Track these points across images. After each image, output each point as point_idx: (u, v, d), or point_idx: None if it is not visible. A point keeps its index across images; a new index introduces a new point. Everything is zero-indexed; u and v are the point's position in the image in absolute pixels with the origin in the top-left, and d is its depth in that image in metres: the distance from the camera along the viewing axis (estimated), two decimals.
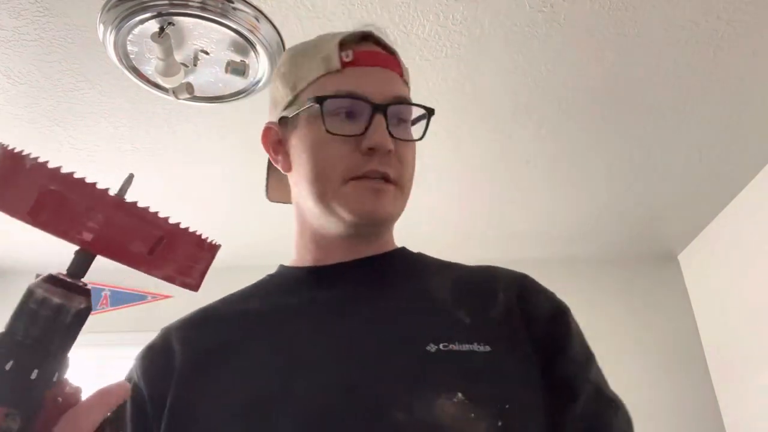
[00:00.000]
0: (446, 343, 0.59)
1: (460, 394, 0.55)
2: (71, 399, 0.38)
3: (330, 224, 0.69)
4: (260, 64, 1.58)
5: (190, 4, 1.42)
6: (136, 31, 1.47)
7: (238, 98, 1.72)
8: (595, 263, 2.86)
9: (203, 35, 1.50)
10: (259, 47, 1.53)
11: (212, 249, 0.43)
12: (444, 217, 2.49)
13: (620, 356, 2.63)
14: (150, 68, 1.58)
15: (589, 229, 2.63)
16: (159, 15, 1.43)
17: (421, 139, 0.72)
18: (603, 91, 1.77)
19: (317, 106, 0.67)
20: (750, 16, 1.50)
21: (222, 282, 0.97)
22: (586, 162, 2.13)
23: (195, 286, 0.44)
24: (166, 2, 1.41)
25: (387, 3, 1.45)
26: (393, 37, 1.54)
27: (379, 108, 0.66)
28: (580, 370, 0.66)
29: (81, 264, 0.42)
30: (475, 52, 1.61)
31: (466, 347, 0.59)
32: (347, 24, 1.50)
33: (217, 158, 2.08)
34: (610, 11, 1.48)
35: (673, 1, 1.45)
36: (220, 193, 2.30)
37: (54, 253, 2.76)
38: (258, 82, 1.64)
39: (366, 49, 0.71)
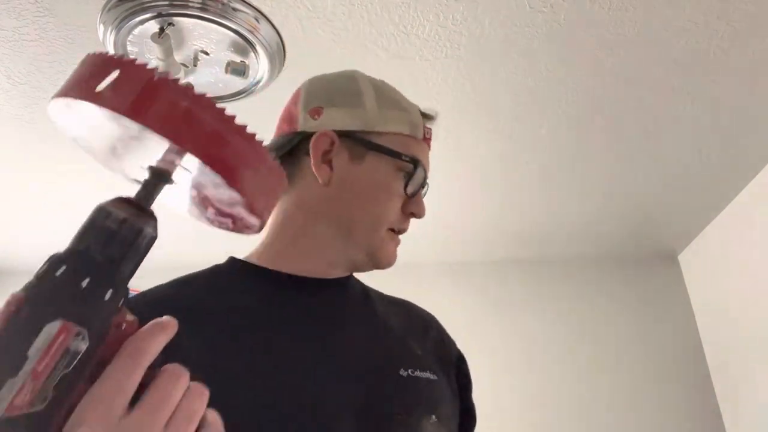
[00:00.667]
0: (412, 370, 0.67)
1: (434, 417, 0.63)
2: (131, 327, 0.37)
3: (339, 253, 0.73)
4: (260, 65, 1.58)
5: (190, 4, 1.42)
6: (136, 31, 1.47)
7: (238, 98, 1.72)
8: (595, 263, 2.86)
9: (203, 35, 1.51)
10: (259, 48, 1.53)
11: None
12: (444, 217, 2.49)
13: (620, 356, 2.63)
14: None
15: (589, 229, 2.63)
16: (159, 15, 1.43)
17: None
18: (603, 91, 1.77)
19: (411, 166, 0.73)
20: (750, 16, 1.50)
21: None
22: (586, 162, 2.13)
23: (260, 227, 0.45)
24: (166, 2, 1.41)
25: (387, 3, 1.45)
26: (393, 37, 1.54)
27: (427, 185, 0.77)
28: (474, 414, 0.79)
29: (151, 191, 0.42)
30: (475, 52, 1.61)
31: (424, 375, 0.68)
32: (347, 24, 1.50)
33: None
34: (610, 11, 1.48)
35: (673, 1, 1.45)
36: None
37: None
38: (258, 82, 1.64)
39: (429, 128, 0.80)
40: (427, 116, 0.79)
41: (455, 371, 0.77)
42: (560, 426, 2.50)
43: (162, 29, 1.46)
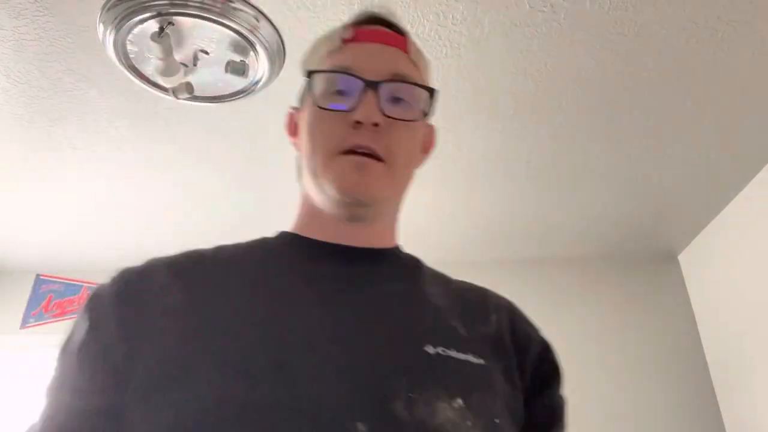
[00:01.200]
0: (444, 348, 0.59)
1: (459, 400, 0.55)
2: None
3: (323, 202, 0.68)
4: (260, 64, 1.58)
5: (190, 4, 1.42)
6: (135, 30, 1.47)
7: (238, 98, 1.72)
8: (595, 263, 2.86)
9: (203, 35, 1.50)
10: (259, 47, 1.53)
11: None
12: (444, 217, 2.49)
13: (620, 356, 2.63)
14: (150, 68, 1.58)
15: (589, 229, 2.62)
16: (159, 15, 1.43)
17: (415, 120, 0.69)
18: (603, 91, 1.77)
19: (309, 80, 0.68)
20: (750, 16, 1.50)
21: None
22: (586, 162, 2.13)
23: None
24: (166, 2, 1.41)
25: (387, 3, 1.45)
26: None
27: (370, 84, 0.65)
28: (562, 406, 0.71)
29: None
30: (475, 52, 1.61)
31: (462, 356, 0.59)
32: None
33: (217, 158, 2.08)
34: (610, 11, 1.48)
35: (673, 1, 1.45)
36: (220, 192, 2.30)
37: (54, 253, 2.76)
38: (258, 82, 1.64)
39: (369, 27, 0.72)
40: (355, 20, 0.72)
41: (532, 362, 0.68)
42: None
43: (162, 28, 1.46)
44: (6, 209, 2.39)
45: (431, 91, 0.69)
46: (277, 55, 1.57)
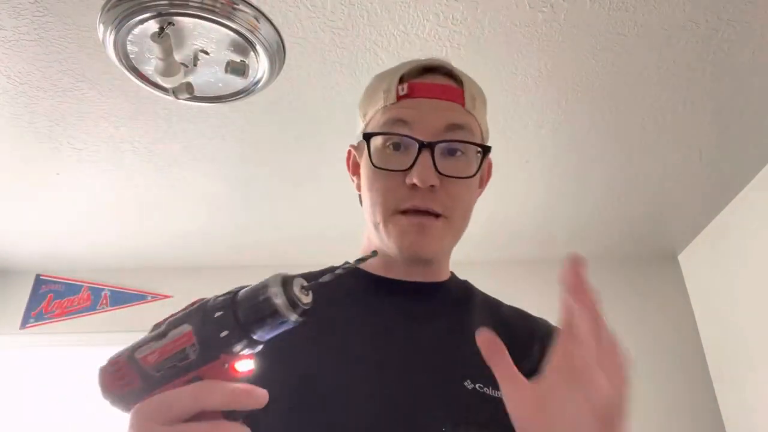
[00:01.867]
0: (481, 385, 0.61)
1: None
2: (231, 373, 0.44)
3: (385, 249, 0.71)
4: (260, 64, 1.58)
5: (190, 4, 1.42)
6: (136, 31, 1.47)
7: (237, 98, 1.72)
8: (595, 263, 2.84)
9: (203, 35, 1.50)
10: (259, 47, 1.53)
11: None
12: None
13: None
14: (150, 68, 1.58)
15: (589, 229, 2.63)
16: (159, 15, 1.43)
17: (472, 176, 0.71)
18: (603, 91, 1.77)
19: (365, 143, 0.70)
20: (750, 16, 1.50)
21: (223, 281, 0.97)
22: (586, 162, 2.13)
23: None
24: (166, 2, 1.41)
25: (387, 3, 1.45)
26: (393, 37, 1.54)
27: (426, 144, 0.66)
28: None
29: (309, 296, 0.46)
30: (475, 52, 1.61)
31: (497, 394, 0.62)
32: (347, 24, 1.51)
33: (217, 158, 2.08)
34: (610, 11, 1.48)
35: (673, 1, 1.45)
36: (220, 192, 2.30)
37: (54, 253, 2.76)
38: (258, 82, 1.64)
39: (424, 81, 0.72)
40: (410, 72, 0.73)
41: None
42: None
43: (162, 29, 1.46)
44: (6, 209, 2.39)
45: (485, 149, 0.73)
46: (277, 55, 1.57)
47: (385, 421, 0.57)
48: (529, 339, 0.71)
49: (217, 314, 0.43)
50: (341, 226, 2.42)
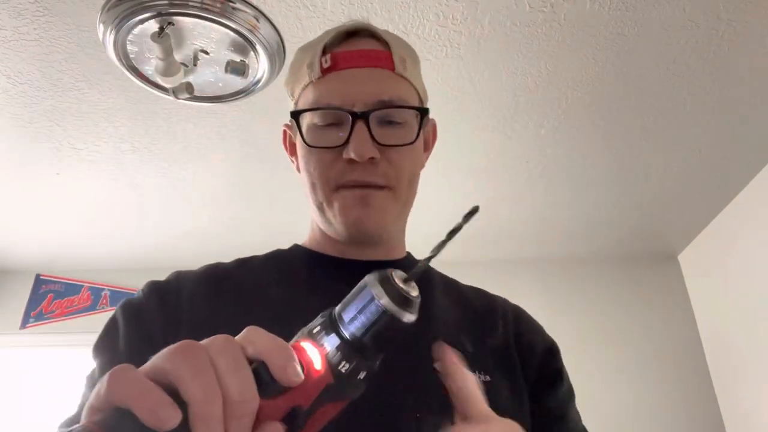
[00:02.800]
0: None
1: None
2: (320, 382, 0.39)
3: (330, 230, 0.69)
4: (260, 64, 1.58)
5: (190, 4, 1.42)
6: (136, 31, 1.47)
7: (237, 98, 1.72)
8: (595, 263, 2.86)
9: (203, 35, 1.50)
10: (258, 47, 1.53)
11: None
12: (444, 216, 2.49)
13: (620, 356, 2.63)
14: (150, 68, 1.58)
15: (589, 229, 2.62)
16: (159, 15, 1.43)
17: (413, 142, 0.67)
18: (603, 91, 1.77)
19: (294, 121, 0.67)
20: (750, 16, 1.50)
21: None
22: (586, 162, 2.13)
23: None
24: (166, 2, 1.41)
25: (387, 3, 1.45)
26: None
27: (359, 115, 0.63)
28: (565, 407, 0.70)
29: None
30: (475, 52, 1.61)
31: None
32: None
33: (217, 158, 2.08)
34: (610, 11, 1.48)
35: (673, 1, 1.45)
36: (220, 192, 2.30)
37: (54, 253, 2.76)
38: (258, 81, 1.64)
39: (347, 49, 0.68)
40: (332, 42, 0.68)
41: (538, 367, 0.68)
42: None
43: (162, 29, 1.46)
44: (6, 209, 2.39)
45: (422, 111, 0.67)
46: (277, 55, 1.57)
47: (356, 409, 0.55)
48: (491, 315, 0.70)
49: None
50: None
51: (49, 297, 2.84)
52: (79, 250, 2.73)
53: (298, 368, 0.35)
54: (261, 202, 2.35)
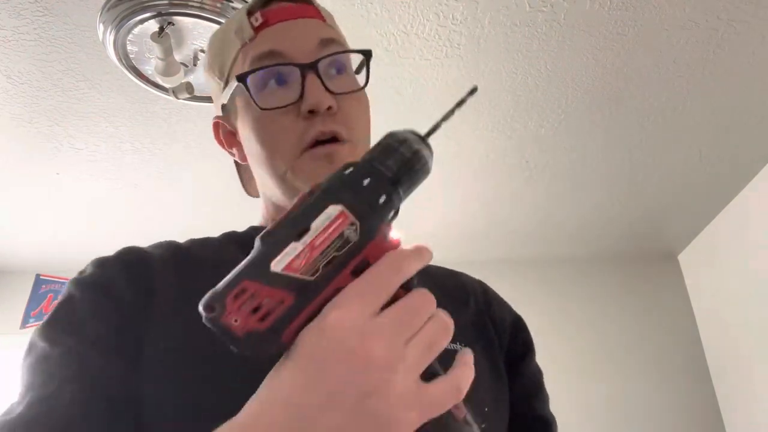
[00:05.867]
0: None
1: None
2: (393, 243, 0.40)
3: (288, 200, 0.64)
4: None
5: (190, 4, 1.42)
6: (135, 30, 1.47)
7: None
8: (595, 263, 2.86)
9: (203, 35, 1.50)
10: None
11: None
12: (444, 216, 2.49)
13: (620, 356, 2.63)
14: (150, 68, 1.58)
15: (589, 229, 2.62)
16: (159, 15, 1.43)
17: (365, 86, 0.65)
18: (603, 91, 1.77)
19: (241, 85, 0.62)
20: (750, 16, 1.50)
21: None
22: (586, 162, 2.13)
23: None
24: (166, 2, 1.41)
25: (387, 3, 1.45)
26: (393, 37, 1.54)
27: (308, 66, 0.60)
28: (538, 381, 0.71)
29: (436, 129, 0.44)
30: (475, 52, 1.61)
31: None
32: (347, 24, 1.50)
33: (217, 158, 2.08)
34: (610, 11, 1.48)
35: (673, 1, 1.45)
36: (220, 192, 2.30)
37: (54, 253, 2.76)
38: None
39: (275, 7, 0.65)
40: (255, 4, 0.65)
41: (507, 337, 0.68)
42: (558, 424, 2.50)
43: (162, 28, 1.46)
44: (6, 209, 2.39)
45: (367, 54, 0.65)
46: None
47: None
48: (461, 291, 0.70)
49: (367, 181, 0.38)
50: None
51: (49, 297, 2.84)
52: (79, 250, 2.73)
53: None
54: (261, 202, 2.35)
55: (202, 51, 1.55)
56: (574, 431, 2.50)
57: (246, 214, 2.71)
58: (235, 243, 0.69)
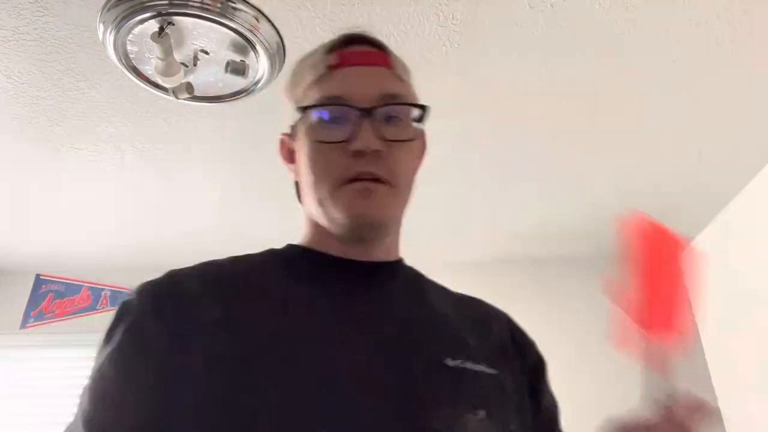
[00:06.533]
0: (462, 360, 0.62)
1: (482, 412, 0.59)
2: None
3: (332, 228, 0.69)
4: (260, 64, 1.58)
5: (190, 4, 1.42)
6: (136, 30, 1.47)
7: (237, 98, 1.71)
8: (595, 263, 2.86)
9: (203, 35, 1.50)
10: (259, 47, 1.53)
11: None
12: (444, 216, 2.49)
13: (619, 356, 2.63)
14: (150, 68, 1.58)
15: (589, 229, 2.62)
16: (159, 15, 1.43)
17: (414, 139, 0.71)
18: (603, 91, 1.77)
19: (305, 115, 0.69)
20: (750, 16, 1.50)
21: None
22: (587, 162, 2.13)
23: None
24: (166, 2, 1.41)
25: (387, 3, 1.45)
26: (393, 37, 1.54)
27: (366, 112, 0.66)
28: (555, 407, 0.80)
29: None
30: (475, 52, 1.61)
31: (477, 367, 0.63)
32: (347, 24, 1.50)
33: (217, 158, 2.08)
34: (610, 11, 1.48)
35: (672, 1, 1.45)
36: (220, 193, 2.30)
37: (54, 253, 2.76)
38: (258, 82, 1.64)
39: (352, 49, 0.72)
40: (335, 43, 0.72)
41: (531, 366, 0.74)
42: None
43: (162, 28, 1.46)
44: (6, 209, 2.39)
45: (423, 108, 0.71)
46: (277, 55, 1.57)
47: (383, 407, 0.56)
48: (485, 317, 0.75)
49: None
50: None
51: (49, 297, 2.84)
52: (79, 250, 2.73)
53: None
54: (261, 202, 2.35)
55: (203, 51, 1.55)
56: (571, 430, 2.50)
57: (246, 214, 2.72)
58: (278, 259, 0.73)
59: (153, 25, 1.46)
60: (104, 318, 0.66)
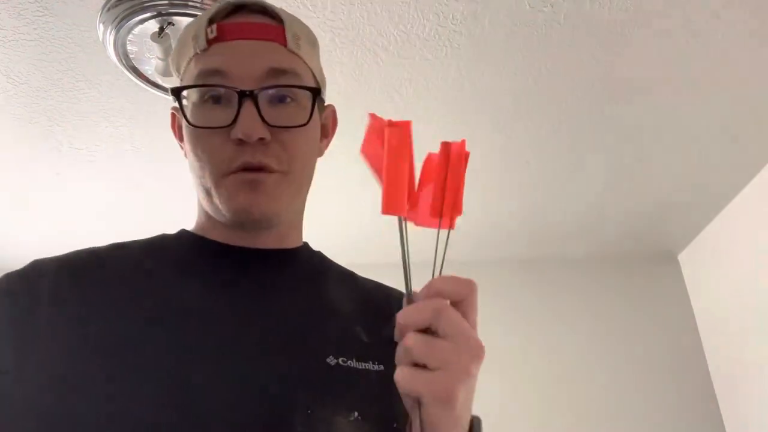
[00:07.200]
0: (345, 359, 0.58)
1: (356, 413, 0.55)
2: None
3: (218, 216, 0.64)
4: None
5: (190, 4, 1.42)
6: (136, 31, 1.47)
7: None
8: (595, 263, 2.86)
9: None
10: None
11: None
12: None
13: (619, 356, 2.63)
14: (150, 68, 1.58)
15: (589, 229, 2.62)
16: (159, 15, 1.43)
17: (305, 124, 0.62)
18: (603, 91, 1.77)
19: (174, 99, 0.62)
20: (749, 16, 1.50)
21: None
22: (586, 162, 2.13)
23: None
24: (166, 2, 1.41)
25: (387, 3, 1.45)
26: (393, 37, 1.54)
27: (246, 94, 0.58)
28: None
29: None
30: (475, 52, 1.61)
31: (362, 365, 0.59)
32: (347, 24, 1.51)
33: None
34: (610, 11, 1.48)
35: (672, 2, 1.45)
36: None
37: (54, 253, 2.76)
38: None
39: (236, 20, 0.63)
40: (219, 13, 0.63)
41: None
42: (558, 426, 2.50)
43: (162, 29, 1.46)
44: (6, 209, 2.39)
45: (314, 91, 0.63)
46: None
47: (245, 405, 0.52)
48: (386, 307, 0.68)
49: None
50: (340, 223, 2.42)
51: None
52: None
53: None
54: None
55: None
56: (571, 430, 2.50)
57: None
58: (157, 247, 0.68)
59: (153, 25, 1.46)
60: None
